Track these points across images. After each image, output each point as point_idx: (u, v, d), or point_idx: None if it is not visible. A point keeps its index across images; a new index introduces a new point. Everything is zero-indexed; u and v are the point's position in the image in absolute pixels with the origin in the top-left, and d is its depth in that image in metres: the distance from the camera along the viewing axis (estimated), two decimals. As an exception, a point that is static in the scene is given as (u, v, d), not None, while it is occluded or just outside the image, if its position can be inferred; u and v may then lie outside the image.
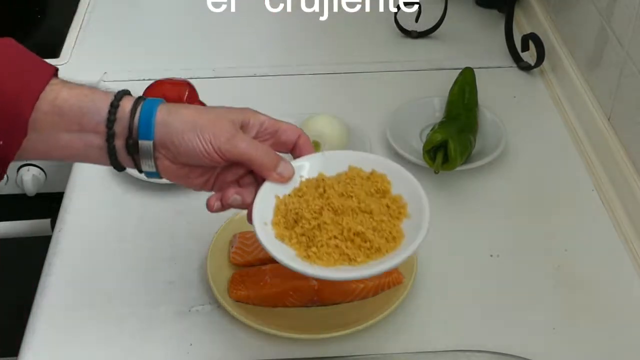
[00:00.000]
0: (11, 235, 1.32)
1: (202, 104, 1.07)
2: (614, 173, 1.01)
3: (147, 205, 1.02)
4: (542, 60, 1.22)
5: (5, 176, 1.34)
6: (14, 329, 0.92)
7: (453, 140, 1.01)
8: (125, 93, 0.74)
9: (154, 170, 0.75)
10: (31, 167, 1.32)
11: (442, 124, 1.06)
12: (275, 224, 0.76)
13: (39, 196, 1.34)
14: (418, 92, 1.19)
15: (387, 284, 0.88)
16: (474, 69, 1.16)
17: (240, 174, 0.78)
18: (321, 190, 0.77)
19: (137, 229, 0.99)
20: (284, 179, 0.77)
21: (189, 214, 1.00)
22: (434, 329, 0.86)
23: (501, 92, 1.21)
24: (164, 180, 1.03)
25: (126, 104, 0.73)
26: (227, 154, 0.73)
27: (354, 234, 0.74)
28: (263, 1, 1.44)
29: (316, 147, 1.03)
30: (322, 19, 1.40)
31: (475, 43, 1.33)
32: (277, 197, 0.77)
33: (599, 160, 1.05)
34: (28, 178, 1.31)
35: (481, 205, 1.02)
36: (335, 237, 0.74)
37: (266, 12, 1.42)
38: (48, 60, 1.34)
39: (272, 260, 0.90)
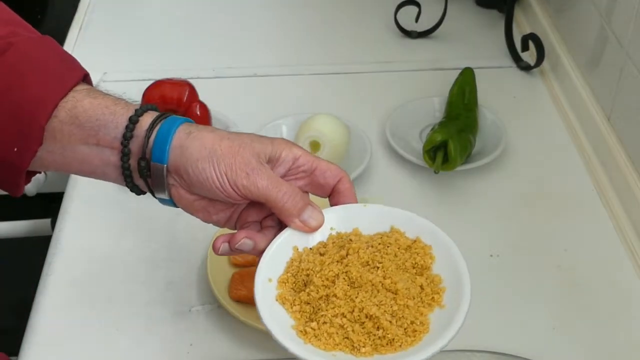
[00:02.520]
0: (11, 235, 1.32)
1: (202, 104, 1.06)
2: (614, 173, 1.01)
3: (147, 205, 1.02)
4: (542, 60, 1.22)
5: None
6: (14, 329, 0.92)
7: (453, 140, 1.01)
8: (150, 108, 0.67)
9: (167, 197, 0.68)
10: (31, 167, 1.32)
11: (442, 124, 1.06)
12: (282, 282, 0.65)
13: (39, 196, 1.34)
14: (418, 92, 1.19)
15: (387, 284, 0.87)
16: (474, 69, 1.15)
17: (266, 213, 0.69)
18: (344, 252, 0.65)
19: (137, 229, 0.99)
20: (309, 229, 0.66)
21: (189, 214, 1.00)
22: (434, 329, 0.86)
23: (501, 92, 1.21)
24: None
25: (146, 120, 0.66)
26: (243, 190, 0.64)
27: (366, 317, 0.61)
28: (263, 1, 1.44)
29: (316, 147, 1.03)
30: (322, 18, 1.40)
31: (475, 43, 1.33)
32: (296, 249, 0.66)
33: (599, 160, 1.05)
34: (28, 178, 1.31)
35: (481, 205, 1.02)
36: (343, 316, 0.61)
37: (266, 12, 1.42)
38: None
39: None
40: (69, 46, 1.31)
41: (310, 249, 0.67)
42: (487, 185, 1.05)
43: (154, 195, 0.69)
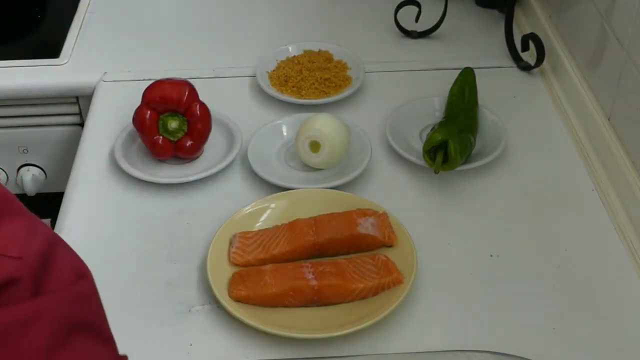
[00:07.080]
0: (11, 235, 1.32)
1: (202, 104, 1.07)
2: (614, 173, 1.01)
3: (147, 205, 1.02)
4: (542, 60, 1.22)
5: (5, 175, 1.35)
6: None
7: (453, 140, 1.01)
8: None
9: None
10: (31, 167, 1.32)
11: (442, 124, 1.06)
12: (272, 85, 1.20)
13: (39, 196, 1.34)
14: (418, 92, 1.19)
15: (387, 284, 0.88)
16: (474, 69, 1.16)
17: None
18: (297, 67, 1.22)
19: (137, 229, 0.99)
20: None
21: (189, 214, 1.00)
22: (434, 329, 0.86)
23: (501, 92, 1.21)
24: (164, 180, 1.04)
25: None
26: None
27: (324, 80, 1.19)
28: (263, 2, 1.44)
29: (316, 147, 1.03)
30: (321, 19, 1.40)
31: (475, 43, 1.33)
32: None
33: (599, 160, 1.05)
34: (28, 178, 1.31)
35: (481, 205, 1.02)
36: (313, 84, 1.19)
37: (266, 13, 1.42)
38: (48, 60, 1.35)
39: (272, 260, 0.91)
40: (69, 46, 1.31)
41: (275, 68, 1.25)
42: (487, 185, 1.05)
43: None
